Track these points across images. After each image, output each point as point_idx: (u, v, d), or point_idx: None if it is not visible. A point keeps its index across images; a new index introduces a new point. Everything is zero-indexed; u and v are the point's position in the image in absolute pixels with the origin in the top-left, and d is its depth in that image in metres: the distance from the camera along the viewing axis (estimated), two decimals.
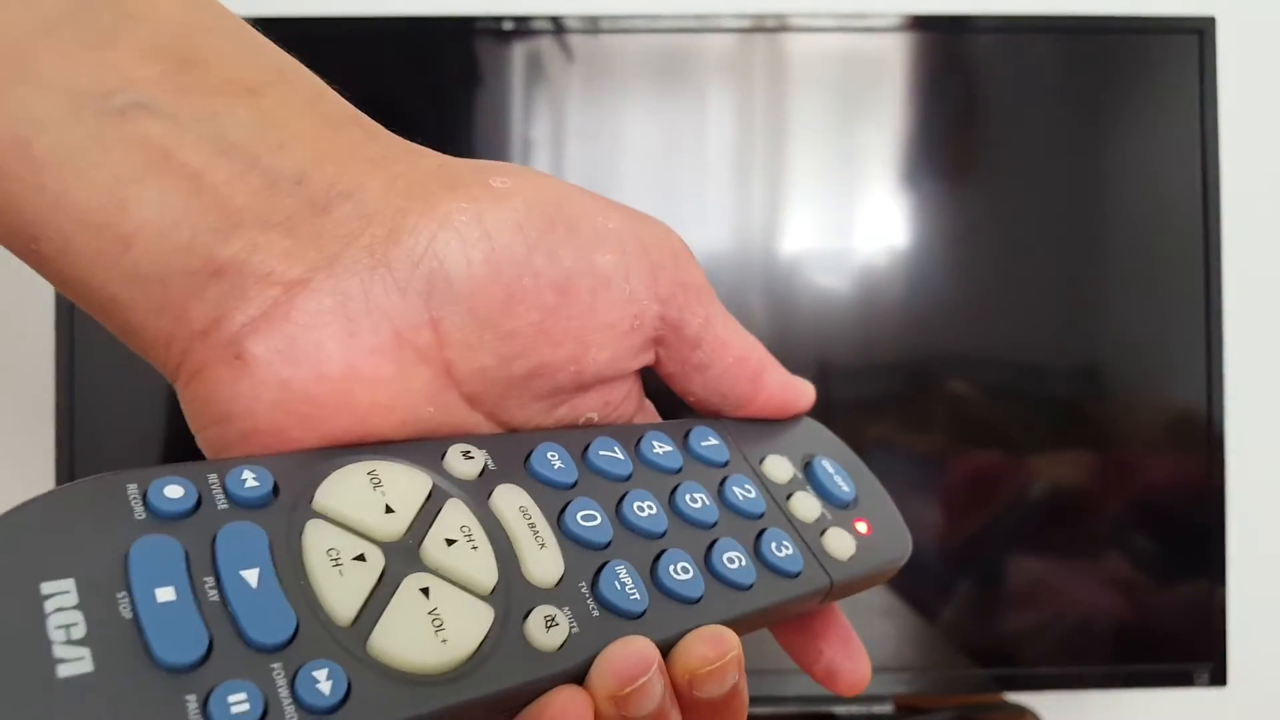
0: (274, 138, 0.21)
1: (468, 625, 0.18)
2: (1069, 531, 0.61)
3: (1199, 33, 0.61)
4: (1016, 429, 0.61)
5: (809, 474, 0.26)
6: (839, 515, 0.25)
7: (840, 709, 0.61)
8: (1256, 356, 0.72)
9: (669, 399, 0.26)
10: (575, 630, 0.20)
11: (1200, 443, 0.61)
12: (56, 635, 0.15)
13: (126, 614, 0.16)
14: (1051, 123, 0.62)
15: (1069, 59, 0.62)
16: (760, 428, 0.27)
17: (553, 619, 0.19)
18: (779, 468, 0.26)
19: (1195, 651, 0.61)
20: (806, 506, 0.25)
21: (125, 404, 0.59)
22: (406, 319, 0.21)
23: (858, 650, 0.26)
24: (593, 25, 0.60)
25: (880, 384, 0.60)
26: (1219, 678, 0.61)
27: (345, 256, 0.20)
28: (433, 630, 0.18)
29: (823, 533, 0.25)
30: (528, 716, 0.19)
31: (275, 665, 0.16)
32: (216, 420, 0.20)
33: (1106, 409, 0.62)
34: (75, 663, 0.15)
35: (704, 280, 0.25)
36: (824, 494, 0.26)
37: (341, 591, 0.18)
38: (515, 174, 0.23)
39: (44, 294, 0.60)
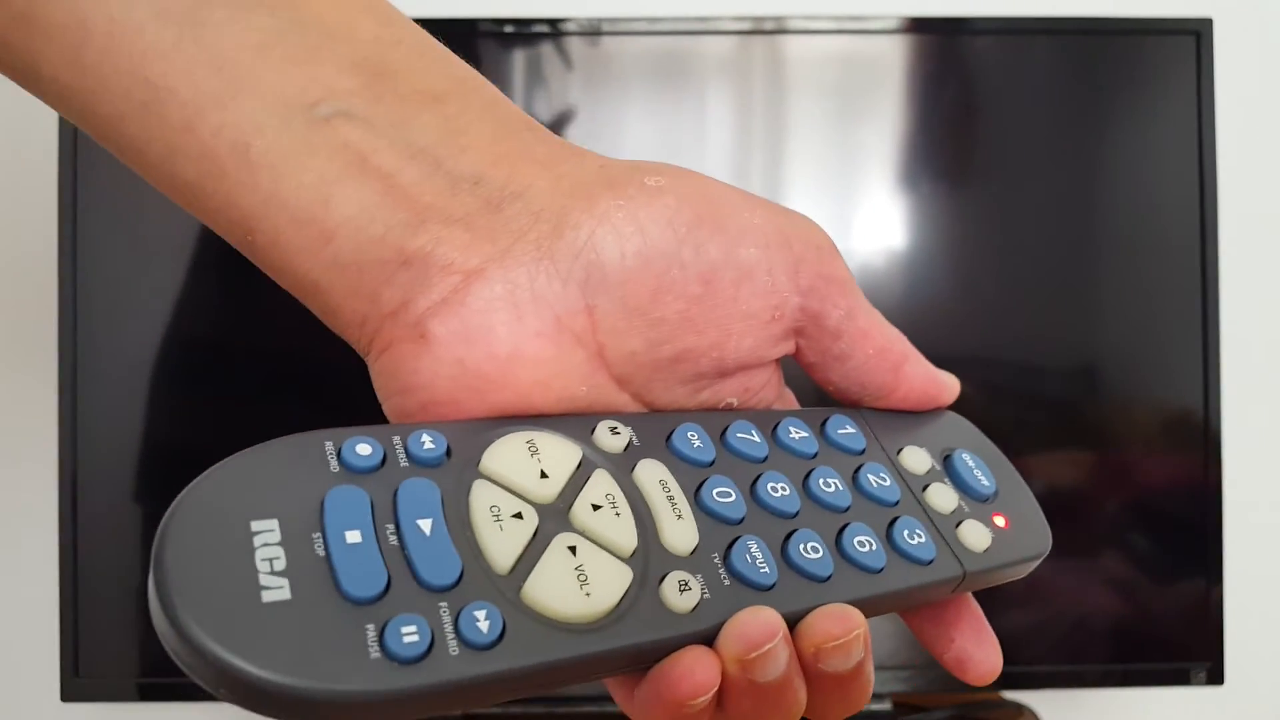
0: (456, 142, 0.23)
1: (609, 582, 0.20)
2: (1067, 531, 0.61)
3: (1196, 34, 0.62)
4: (1014, 429, 0.61)
5: (948, 466, 0.27)
6: (976, 508, 0.26)
7: None
8: (1253, 357, 0.73)
9: (813, 390, 0.27)
10: (707, 596, 0.21)
11: (1197, 442, 0.61)
12: (262, 566, 0.18)
13: (320, 552, 0.19)
14: (1049, 124, 0.63)
15: (1066, 61, 0.62)
16: (900, 419, 0.27)
17: (686, 584, 0.21)
18: (917, 458, 0.26)
19: (1192, 650, 0.62)
20: (943, 497, 0.26)
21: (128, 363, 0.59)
22: (566, 306, 0.23)
23: (990, 641, 0.27)
24: (593, 28, 0.60)
25: None
26: (1216, 677, 0.61)
27: (515, 249, 0.23)
28: (578, 584, 0.20)
29: (958, 524, 0.25)
30: (660, 670, 0.20)
31: (442, 604, 0.19)
32: (400, 390, 0.23)
33: (1104, 409, 0.62)
34: (277, 590, 0.18)
35: (847, 274, 0.26)
36: (962, 486, 0.26)
37: (501, 544, 0.20)
38: (668, 173, 0.25)
39: (48, 280, 0.61)
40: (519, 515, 0.21)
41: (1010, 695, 0.65)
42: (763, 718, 0.22)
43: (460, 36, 0.60)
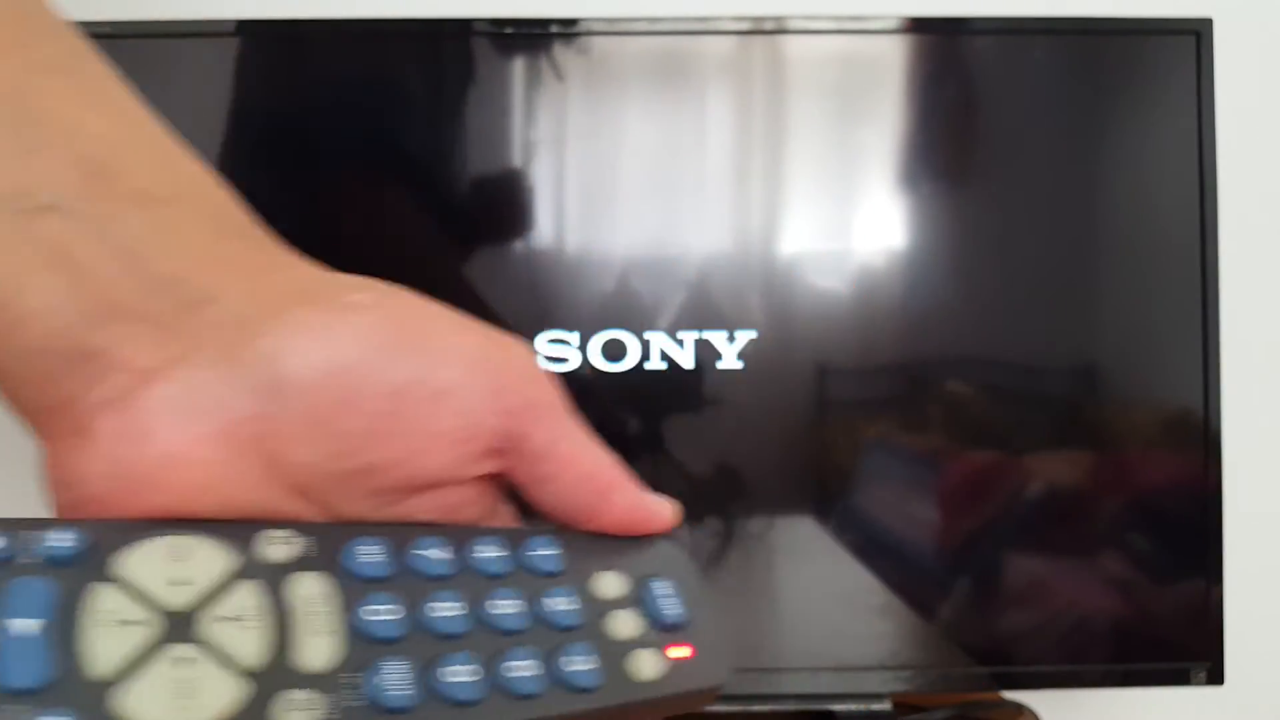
0: (164, 244, 0.24)
1: (216, 698, 0.20)
2: (1067, 531, 0.61)
3: (1196, 34, 0.62)
4: (1014, 429, 0.61)
5: (641, 593, 0.27)
6: (659, 636, 0.26)
7: (838, 707, 0.62)
8: (1252, 357, 0.73)
9: None
10: (332, 717, 0.20)
11: (1197, 442, 0.61)
12: None
13: None
14: (1049, 124, 0.63)
15: (1066, 61, 0.62)
16: (607, 544, 0.27)
17: (306, 703, 0.20)
18: (610, 584, 0.26)
19: (1192, 650, 0.62)
20: (625, 624, 0.26)
21: None
22: (239, 412, 0.23)
23: None
24: (592, 28, 0.60)
25: (878, 384, 0.61)
26: (1216, 677, 0.61)
27: (199, 353, 0.23)
28: (176, 697, 0.19)
29: (633, 652, 0.25)
30: None
31: (20, 709, 0.18)
32: (61, 485, 0.23)
33: (1104, 409, 0.62)
34: None
35: (556, 399, 0.27)
36: (649, 614, 0.26)
37: (103, 649, 0.19)
38: (375, 290, 0.25)
39: None
40: (136, 622, 0.20)
41: (1010, 695, 0.65)
42: None
43: (458, 37, 0.60)
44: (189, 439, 0.23)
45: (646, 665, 0.25)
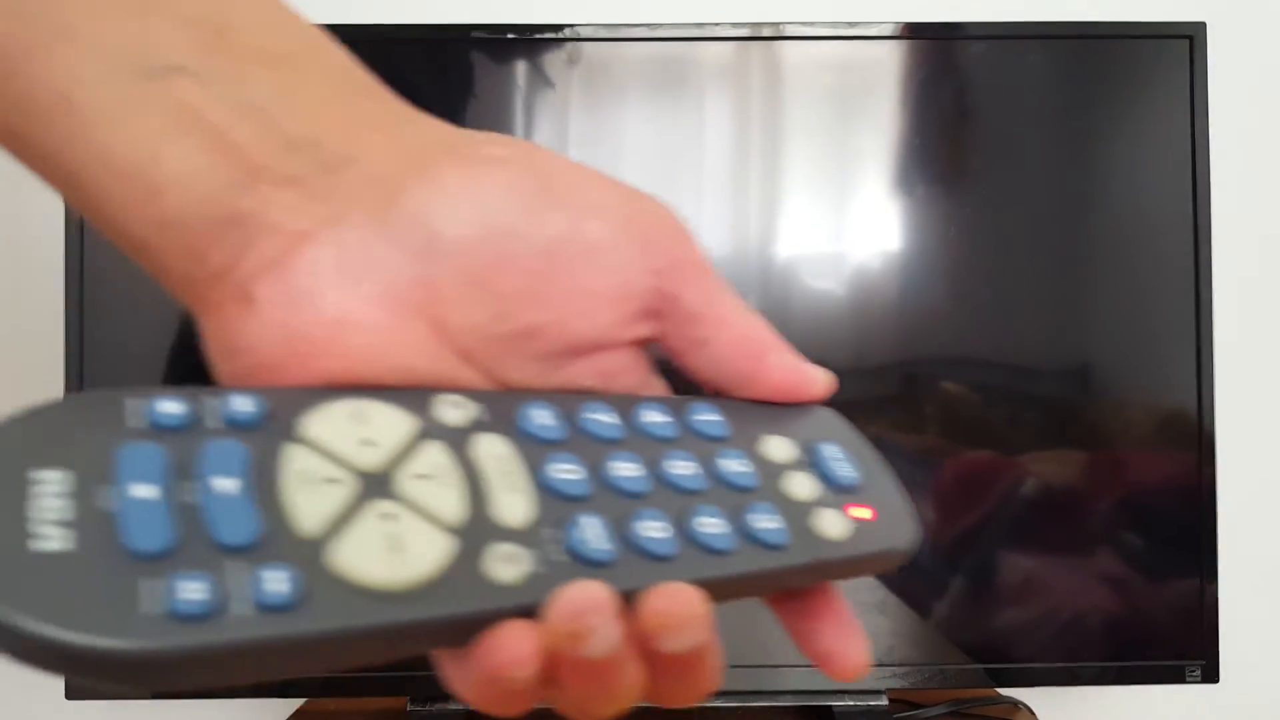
0: (293, 103, 0.22)
1: (426, 551, 0.19)
2: (1062, 529, 0.62)
3: (1189, 38, 0.62)
4: (1009, 428, 0.61)
5: (811, 457, 0.26)
6: (837, 498, 0.25)
7: (836, 704, 0.62)
8: (1245, 356, 0.73)
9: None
10: (538, 569, 0.20)
11: (1191, 441, 0.62)
12: (37, 514, 0.17)
13: (105, 505, 0.18)
14: (1043, 128, 0.63)
15: (1060, 65, 0.63)
16: (767, 410, 0.27)
17: (512, 556, 0.20)
18: (779, 448, 0.26)
19: (1187, 648, 0.62)
20: (802, 485, 0.25)
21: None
22: (400, 273, 0.22)
23: (854, 635, 0.26)
24: (592, 34, 0.61)
25: (874, 384, 0.61)
26: (1211, 674, 0.62)
27: (349, 214, 0.22)
28: (389, 550, 0.19)
29: (815, 512, 0.25)
30: (478, 642, 0.19)
31: (236, 563, 0.18)
32: (227, 354, 0.22)
33: (1098, 409, 0.62)
34: (50, 540, 0.17)
35: (703, 259, 0.25)
36: (824, 477, 0.26)
37: (308, 506, 0.19)
38: (512, 144, 0.24)
39: (54, 256, 0.61)
40: (333, 480, 0.20)
41: (1006, 692, 0.66)
42: (593, 698, 0.21)
43: (457, 43, 0.61)
44: (357, 301, 0.22)
45: (832, 524, 0.24)
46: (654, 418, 0.25)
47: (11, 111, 0.22)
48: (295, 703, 0.65)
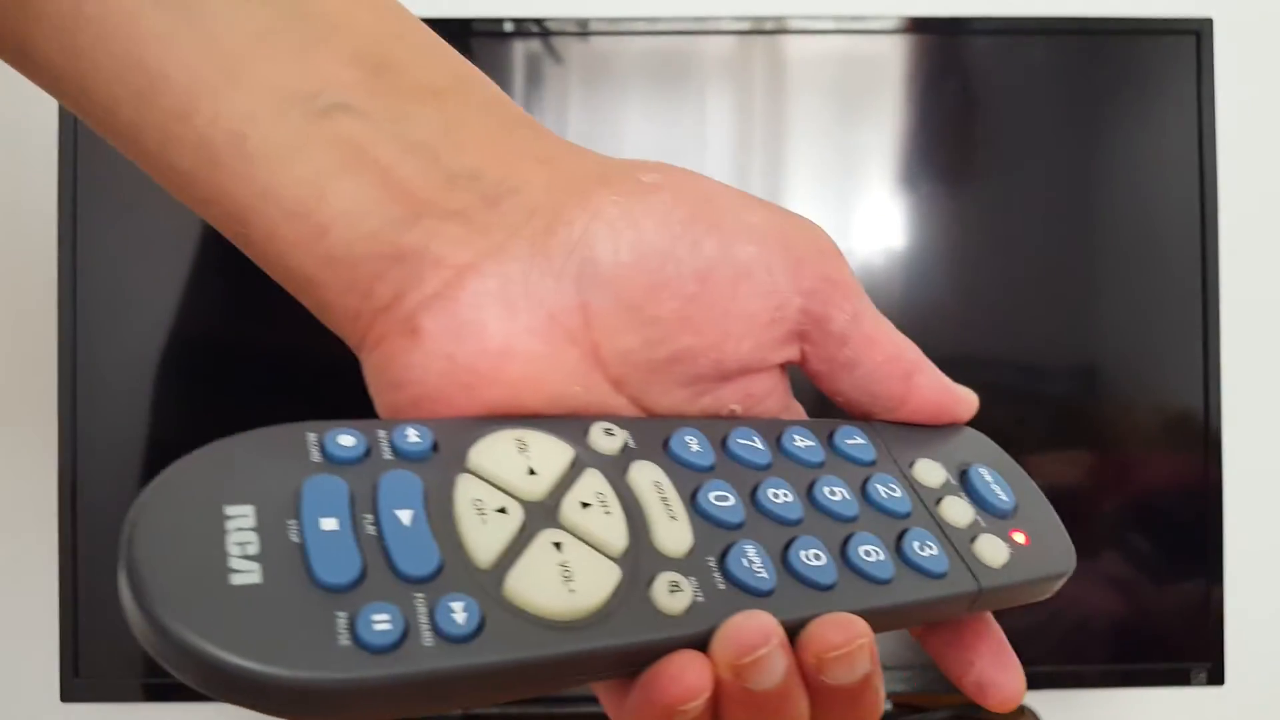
0: (454, 138, 0.23)
1: (596, 580, 0.20)
2: (1067, 532, 0.61)
3: (1196, 34, 0.62)
4: (1015, 429, 0.61)
5: (964, 481, 0.26)
6: (994, 523, 0.25)
7: None
8: (1253, 357, 0.73)
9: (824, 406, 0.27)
10: (700, 599, 0.20)
11: (1197, 442, 0.61)
12: (233, 550, 0.18)
13: (294, 538, 0.18)
14: (1048, 124, 0.63)
15: (1066, 61, 0.62)
16: (914, 432, 0.26)
17: (677, 585, 0.20)
18: (930, 472, 0.25)
19: (1193, 651, 0.62)
20: (958, 511, 0.25)
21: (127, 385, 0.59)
22: (559, 302, 0.22)
23: (1012, 664, 0.25)
24: (592, 28, 0.60)
25: None
26: (1216, 677, 0.61)
27: (509, 245, 0.22)
28: (562, 580, 0.19)
29: (974, 538, 0.24)
30: (649, 673, 0.19)
31: (418, 594, 0.18)
32: (391, 386, 0.23)
33: (1104, 409, 0.62)
34: (247, 574, 0.17)
35: (852, 279, 0.25)
36: (979, 501, 0.25)
37: (483, 537, 0.19)
38: (665, 170, 0.24)
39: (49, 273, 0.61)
40: (503, 510, 0.20)
41: None
42: None
43: (457, 36, 0.60)
44: (521, 330, 0.22)
45: (992, 551, 0.24)
46: (801, 442, 0.24)
47: (184, 151, 0.22)
48: None
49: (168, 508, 0.18)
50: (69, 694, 0.59)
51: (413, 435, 0.21)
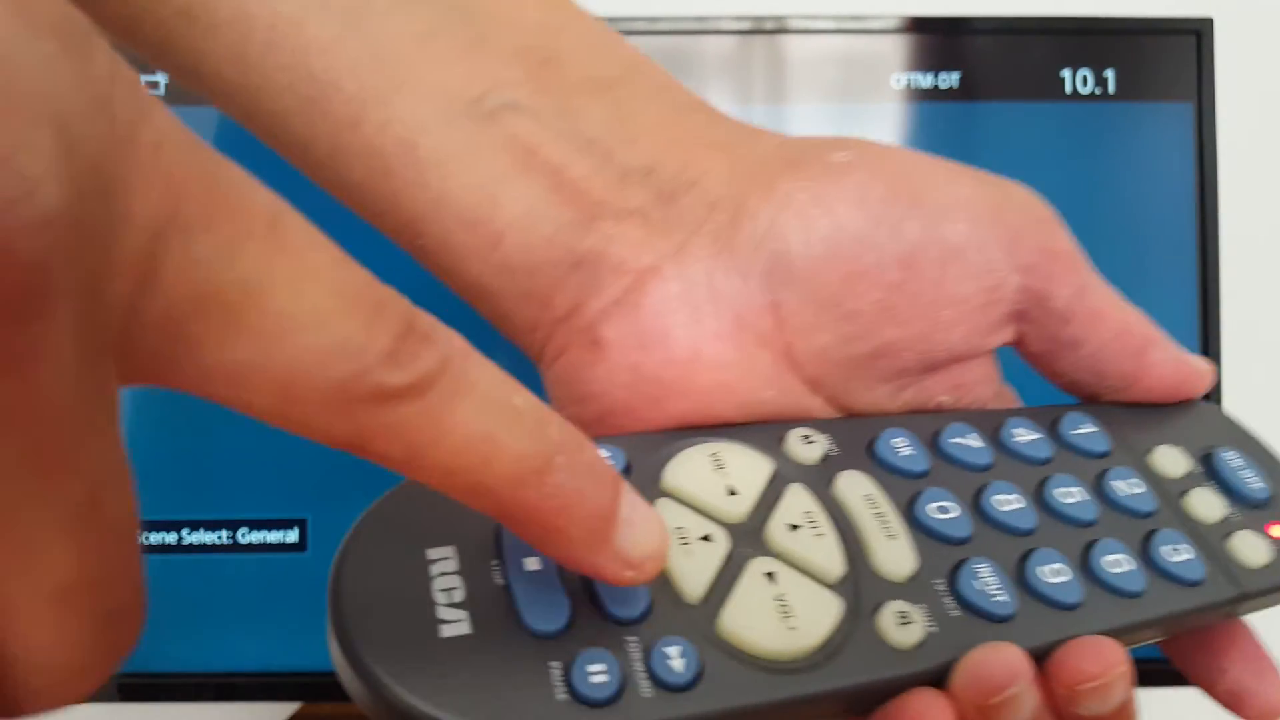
0: (626, 131, 0.22)
1: (816, 613, 0.18)
2: None
3: (1196, 34, 0.61)
4: None
5: (1209, 468, 0.23)
6: (1249, 516, 0.22)
7: None
8: (1254, 358, 0.73)
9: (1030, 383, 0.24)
10: (933, 629, 0.19)
11: None
12: (440, 598, 0.17)
13: (499, 581, 0.17)
14: (1048, 122, 0.62)
15: (1066, 60, 0.62)
16: (1147, 414, 0.24)
17: (906, 615, 0.18)
18: (1172, 460, 0.23)
19: None
20: (1208, 505, 0.22)
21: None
22: (747, 303, 0.21)
23: (1270, 672, 0.23)
24: None
25: None
26: None
27: (691, 244, 0.21)
28: (781, 616, 0.18)
29: (1229, 535, 0.22)
30: (886, 716, 0.18)
31: (631, 639, 0.17)
32: (575, 400, 0.22)
33: None
34: (456, 624, 0.17)
35: (1074, 247, 0.23)
36: (1230, 491, 0.23)
37: (691, 570, 0.18)
38: (857, 147, 0.23)
39: None
40: (707, 538, 0.19)
41: None
42: None
43: None
44: (708, 336, 0.21)
45: (1252, 550, 0.22)
46: (1025, 436, 0.22)
47: (355, 162, 0.22)
48: (290, 707, 0.64)
49: (371, 552, 0.17)
50: None
51: (606, 457, 0.19)
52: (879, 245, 0.21)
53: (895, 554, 0.19)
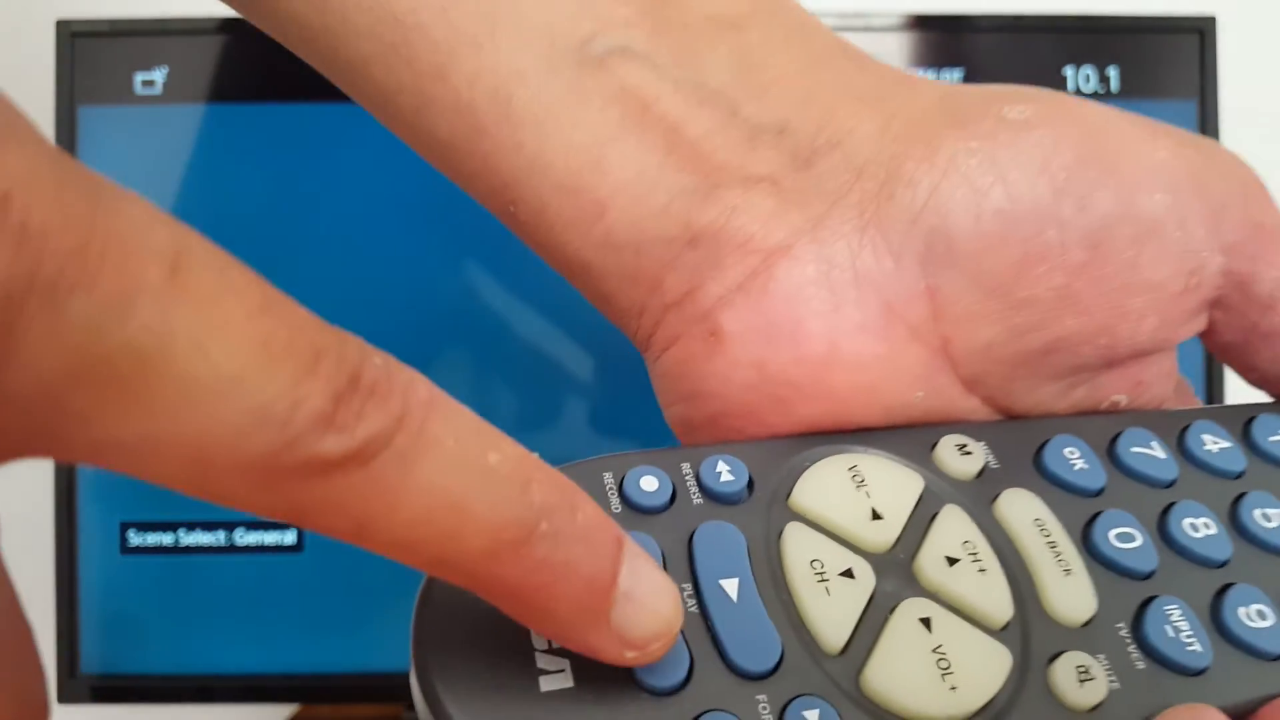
0: (755, 81, 0.19)
1: (981, 669, 0.15)
2: None
3: (1199, 32, 0.61)
4: None
5: None
6: None
7: None
8: None
9: None
10: (1115, 686, 0.16)
11: None
12: (539, 643, 0.15)
13: None
14: None
15: (1069, 57, 0.62)
16: None
17: (1086, 670, 0.16)
18: None
19: None
20: None
21: None
22: (899, 289, 0.18)
23: None
24: None
25: None
26: None
27: (831, 217, 0.18)
28: (939, 672, 0.15)
29: None
30: None
31: (761, 698, 0.15)
32: (685, 397, 0.19)
33: None
34: (556, 675, 0.14)
35: None
36: None
37: (830, 614, 0.16)
38: (1036, 100, 0.19)
39: None
40: (849, 573, 0.16)
41: None
42: None
43: None
44: (850, 329, 0.18)
45: None
46: (1213, 444, 0.19)
47: (443, 116, 0.19)
48: (288, 709, 0.64)
49: (452, 589, 0.15)
50: (66, 694, 0.59)
51: (724, 471, 0.17)
52: (1063, 221, 0.18)
53: (1073, 593, 0.16)
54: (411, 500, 0.12)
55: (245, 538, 0.57)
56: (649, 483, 0.17)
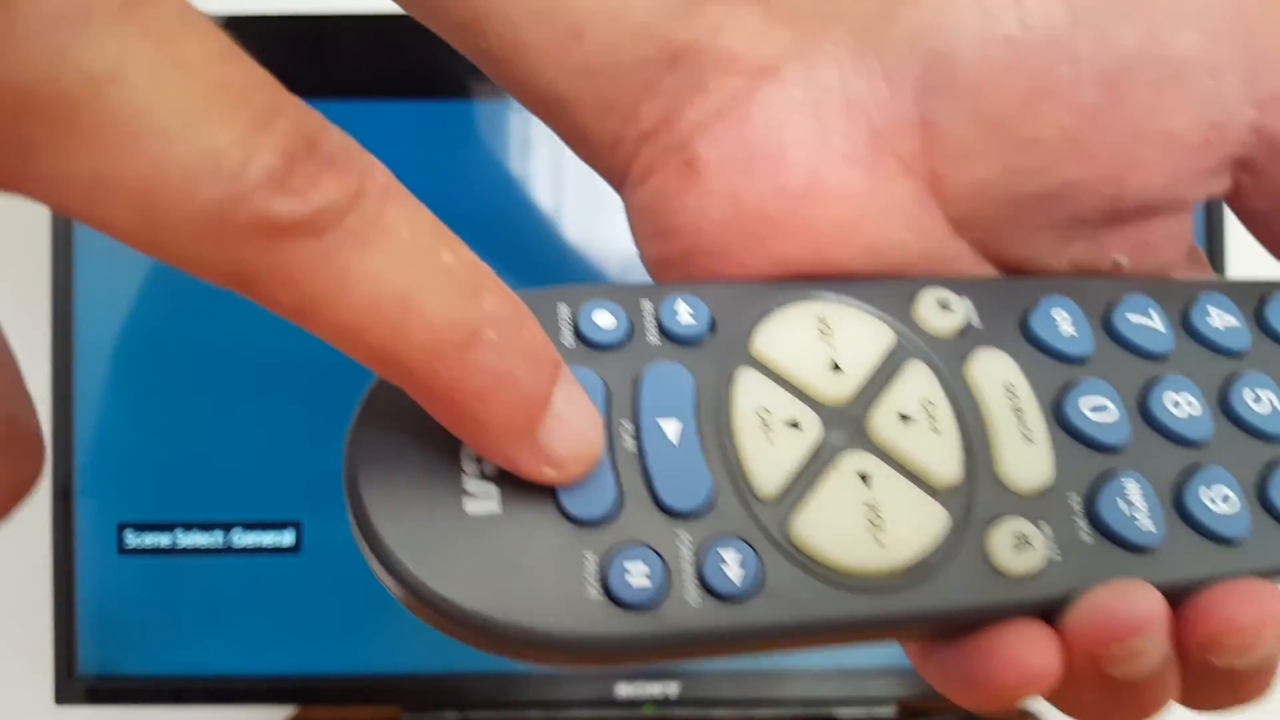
0: None
1: (913, 527, 0.15)
2: None
3: None
4: None
5: None
6: None
7: (842, 711, 0.61)
8: None
9: None
10: (1054, 558, 0.15)
11: None
12: (468, 468, 0.15)
13: None
14: None
15: None
16: None
17: (1025, 539, 0.15)
18: None
19: None
20: None
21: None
22: (891, 118, 0.17)
23: None
24: None
25: None
26: None
27: (825, 37, 0.17)
28: (868, 526, 0.15)
29: None
30: (981, 646, 0.15)
31: (683, 534, 0.15)
32: (658, 233, 0.18)
33: None
34: (483, 500, 0.15)
35: None
36: None
37: (768, 460, 0.15)
38: None
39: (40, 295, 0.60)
40: (795, 424, 0.16)
41: None
42: (1110, 713, 0.16)
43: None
44: (834, 159, 0.17)
45: None
46: (1219, 319, 0.18)
47: None
48: (285, 710, 0.64)
49: (391, 411, 0.15)
50: (63, 695, 0.59)
51: (684, 313, 0.16)
52: (1078, 55, 0.16)
53: (1028, 460, 0.16)
54: (360, 286, 0.12)
55: (243, 539, 0.56)
56: (604, 318, 0.16)
